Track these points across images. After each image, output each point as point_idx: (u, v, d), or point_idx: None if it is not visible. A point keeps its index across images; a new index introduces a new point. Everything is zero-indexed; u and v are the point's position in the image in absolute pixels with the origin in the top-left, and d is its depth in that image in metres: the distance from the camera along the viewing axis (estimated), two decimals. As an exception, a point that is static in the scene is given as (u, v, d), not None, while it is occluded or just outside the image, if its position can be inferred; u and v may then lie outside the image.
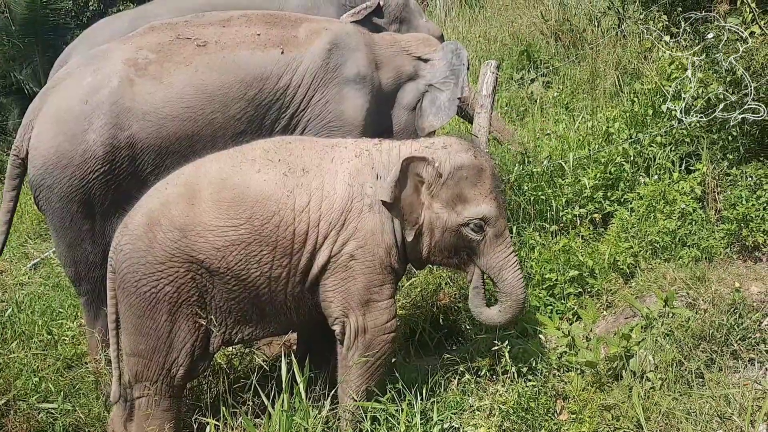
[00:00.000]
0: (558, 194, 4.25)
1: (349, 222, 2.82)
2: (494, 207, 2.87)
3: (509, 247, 2.94)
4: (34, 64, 9.04)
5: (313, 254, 2.82)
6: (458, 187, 2.85)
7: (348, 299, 2.83)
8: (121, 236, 2.85)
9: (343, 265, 2.82)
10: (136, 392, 2.84)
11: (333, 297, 2.85)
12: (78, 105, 3.33)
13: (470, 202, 2.85)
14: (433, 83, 3.98)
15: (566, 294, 3.57)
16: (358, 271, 2.82)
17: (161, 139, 3.34)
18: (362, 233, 2.82)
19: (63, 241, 3.46)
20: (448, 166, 2.85)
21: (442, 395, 3.00)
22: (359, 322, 2.84)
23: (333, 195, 2.83)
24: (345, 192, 2.83)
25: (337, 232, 2.81)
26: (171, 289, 2.75)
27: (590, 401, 2.53)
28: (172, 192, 2.83)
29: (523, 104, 6.60)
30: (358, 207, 2.83)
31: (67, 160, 3.30)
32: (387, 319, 2.87)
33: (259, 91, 3.47)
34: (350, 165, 2.89)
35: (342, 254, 2.81)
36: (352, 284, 2.83)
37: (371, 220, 2.83)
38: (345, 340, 2.88)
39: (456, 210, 2.86)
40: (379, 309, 2.86)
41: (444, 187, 2.86)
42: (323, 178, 2.85)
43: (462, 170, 2.85)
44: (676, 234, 3.67)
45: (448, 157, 2.87)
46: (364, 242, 2.82)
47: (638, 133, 4.50)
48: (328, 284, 2.85)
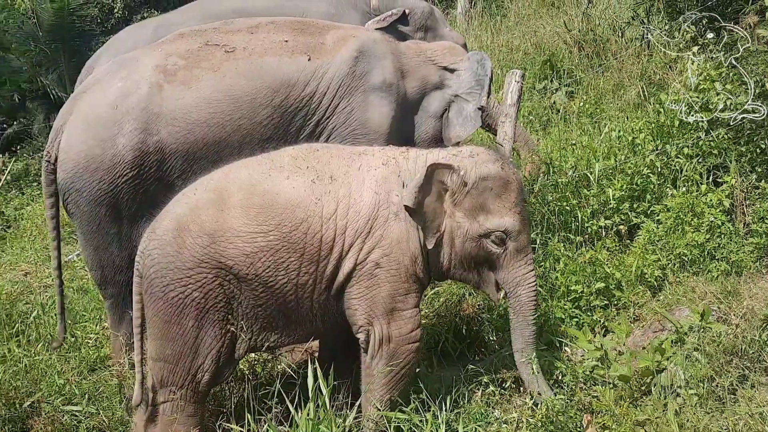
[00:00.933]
0: (583, 205, 4.21)
1: (375, 230, 2.81)
2: (517, 221, 2.86)
3: (529, 265, 2.92)
4: (60, 70, 9.14)
5: (339, 262, 2.82)
6: (482, 197, 2.84)
7: (372, 307, 2.82)
8: (148, 241, 2.86)
9: (369, 273, 2.81)
10: (161, 397, 2.84)
11: (357, 305, 2.84)
12: (108, 110, 3.36)
13: (493, 213, 2.84)
14: (459, 93, 3.97)
15: (592, 306, 3.53)
16: (383, 279, 2.81)
17: (189, 144, 3.36)
18: (388, 241, 2.81)
19: (90, 245, 3.48)
20: (473, 176, 2.84)
21: (466, 406, 2.97)
22: (384, 331, 2.83)
23: (359, 203, 2.83)
24: (371, 200, 2.83)
25: (362, 240, 2.81)
26: (199, 294, 2.75)
27: (623, 416, 2.48)
28: (201, 197, 2.84)
29: (545, 114, 6.57)
30: (384, 215, 2.82)
31: (97, 164, 3.33)
32: (411, 329, 2.86)
33: (285, 97, 3.48)
34: (377, 173, 2.89)
35: (367, 262, 2.81)
36: (377, 292, 2.82)
37: (397, 228, 2.83)
38: (369, 348, 2.86)
39: (478, 220, 2.85)
40: (403, 318, 2.84)
41: (468, 196, 2.85)
42: (350, 186, 2.85)
43: (487, 181, 2.84)
44: (704, 247, 3.62)
45: (474, 166, 2.86)
46: (389, 250, 2.81)
47: (665, 144, 4.46)
48: (353, 292, 2.84)
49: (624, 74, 6.58)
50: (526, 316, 2.91)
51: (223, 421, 2.82)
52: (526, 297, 2.90)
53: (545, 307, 3.58)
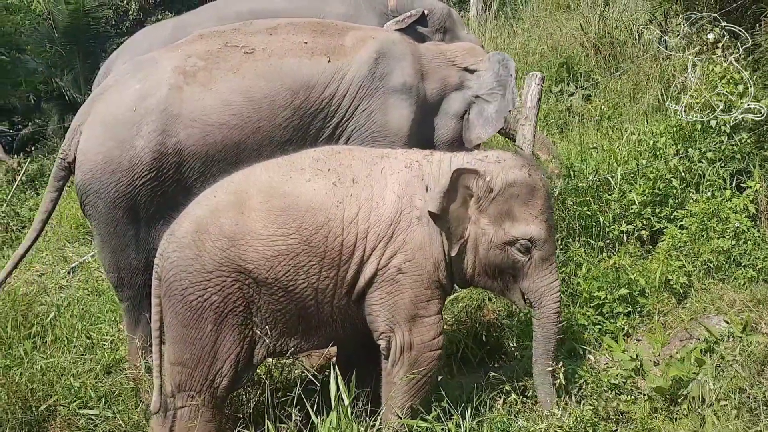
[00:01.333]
0: (604, 210, 4.15)
1: (397, 234, 2.76)
2: (543, 229, 2.79)
3: (554, 274, 2.87)
4: (75, 71, 9.18)
5: (361, 266, 2.77)
6: (508, 204, 2.78)
7: (394, 314, 2.77)
8: (168, 243, 2.82)
9: (390, 278, 2.76)
10: (179, 402, 2.80)
11: (379, 311, 2.79)
12: (127, 111, 3.33)
13: (519, 221, 2.78)
14: (479, 94, 3.91)
15: (615, 313, 3.46)
16: (405, 285, 2.76)
17: (208, 146, 3.33)
18: (410, 246, 2.76)
19: (107, 247, 3.46)
20: (499, 182, 2.78)
21: (488, 415, 2.91)
22: (405, 338, 2.77)
23: (382, 206, 2.77)
24: (394, 204, 2.78)
25: (384, 245, 2.76)
26: (218, 298, 2.71)
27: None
28: (221, 200, 2.80)
29: (561, 117, 6.51)
30: (406, 219, 2.77)
31: (115, 166, 3.30)
32: (433, 336, 2.80)
33: (305, 99, 3.44)
34: (400, 176, 2.83)
35: (389, 267, 2.76)
36: (399, 298, 2.76)
37: (420, 233, 2.77)
38: (390, 356, 2.81)
39: (503, 227, 2.79)
40: (425, 325, 2.78)
41: (493, 202, 2.79)
42: (372, 189, 2.79)
43: (514, 187, 2.78)
44: (730, 254, 3.55)
45: (501, 172, 2.80)
46: (412, 255, 2.76)
47: (687, 149, 4.39)
48: (375, 298, 2.79)
49: (642, 77, 6.51)
50: (549, 327, 2.85)
51: (241, 428, 2.77)
52: (550, 308, 2.84)
53: (567, 314, 3.52)
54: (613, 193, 4.23)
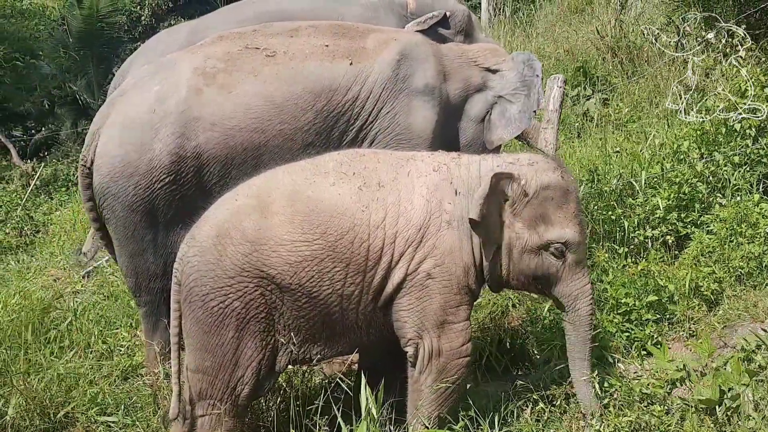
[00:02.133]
0: (629, 214, 4.07)
1: (426, 239, 2.69)
2: (577, 232, 2.75)
3: (587, 276, 2.82)
4: (89, 76, 9.20)
5: (388, 272, 2.70)
6: (542, 207, 2.72)
7: (423, 320, 2.69)
8: (188, 248, 2.76)
9: (420, 284, 2.69)
10: (199, 410, 2.74)
11: (407, 317, 2.72)
12: (146, 114, 3.28)
13: (554, 224, 2.73)
14: (502, 95, 3.83)
15: (644, 320, 3.38)
16: (435, 290, 2.69)
17: (228, 149, 3.27)
18: (440, 251, 2.69)
19: (125, 251, 3.40)
20: (534, 185, 2.72)
21: (515, 425, 2.83)
22: (434, 345, 2.70)
23: (410, 211, 2.71)
24: (423, 208, 2.71)
25: (414, 250, 2.69)
26: (239, 304, 2.65)
27: None
28: (243, 204, 2.74)
29: (578, 121, 6.44)
30: (436, 224, 2.70)
31: (133, 169, 3.25)
32: (462, 342, 2.73)
33: (327, 102, 3.38)
34: (428, 180, 2.77)
35: (419, 272, 2.69)
36: (428, 304, 2.69)
37: (450, 238, 2.71)
38: (418, 363, 2.73)
39: (538, 231, 2.73)
40: (454, 331, 2.72)
41: (528, 206, 2.73)
42: (399, 193, 2.73)
43: (548, 190, 2.73)
44: (761, 260, 3.46)
45: (535, 175, 2.74)
46: (441, 260, 2.69)
47: (711, 153, 4.31)
48: (403, 303, 2.72)
49: (660, 80, 6.44)
50: (585, 330, 2.80)
51: (264, 436, 2.71)
52: (584, 311, 2.79)
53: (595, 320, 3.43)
54: (637, 197, 4.15)
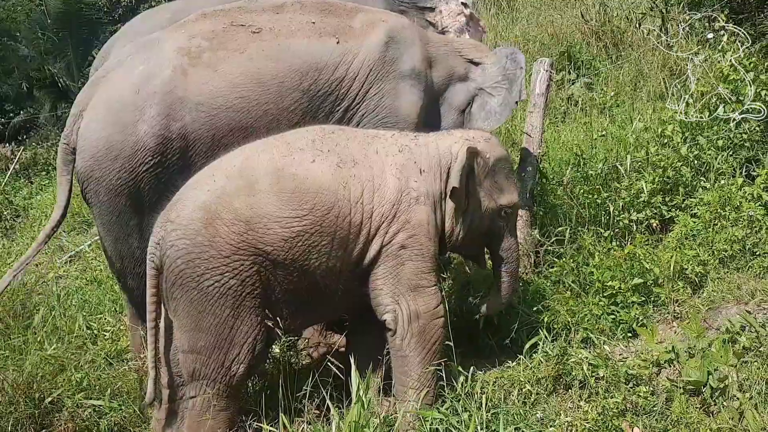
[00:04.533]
0: (614, 198, 4.09)
1: (399, 214, 2.89)
2: (516, 196, 3.18)
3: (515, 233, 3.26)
4: (68, 58, 9.04)
5: (366, 245, 2.87)
6: (497, 177, 3.10)
7: (398, 285, 2.87)
8: (167, 232, 2.74)
9: (394, 254, 2.88)
10: (192, 391, 2.74)
11: (383, 285, 2.89)
12: (129, 94, 3.22)
13: (505, 191, 3.12)
14: (483, 87, 3.84)
15: (629, 303, 3.41)
16: (407, 257, 2.88)
17: (214, 130, 3.23)
18: (412, 224, 2.90)
19: (110, 236, 3.35)
20: (492, 158, 3.08)
21: (503, 407, 2.85)
22: (411, 307, 2.87)
23: (383, 188, 2.89)
24: (395, 186, 2.91)
25: (388, 224, 2.87)
26: (236, 282, 2.69)
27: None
28: (227, 184, 2.76)
29: (563, 105, 6.45)
30: (407, 200, 2.91)
31: (117, 152, 3.19)
32: (437, 303, 2.92)
33: (314, 81, 3.35)
34: (396, 159, 2.97)
35: (393, 244, 2.88)
36: (401, 270, 2.88)
37: (420, 212, 2.92)
38: (398, 329, 2.88)
39: (494, 198, 3.09)
40: (428, 294, 2.90)
41: (487, 177, 3.07)
42: (372, 171, 2.90)
43: (501, 162, 3.11)
44: (744, 242, 3.50)
45: (491, 149, 3.10)
46: (413, 232, 2.89)
47: (696, 136, 4.34)
48: (379, 273, 2.89)
49: (644, 65, 6.47)
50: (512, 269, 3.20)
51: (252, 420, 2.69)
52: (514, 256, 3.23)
53: (580, 303, 3.46)
54: (622, 181, 4.17)
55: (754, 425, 2.25)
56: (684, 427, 2.35)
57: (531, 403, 2.88)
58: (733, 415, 2.35)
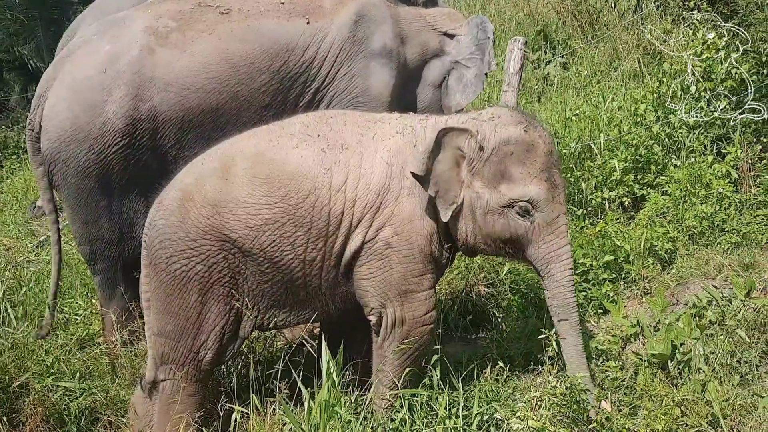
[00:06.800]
0: (587, 177, 4.11)
1: (385, 205, 2.59)
2: (544, 189, 2.54)
3: (562, 238, 2.58)
4: (38, 40, 8.88)
5: (347, 238, 2.62)
6: (503, 164, 2.55)
7: (385, 290, 2.62)
8: (155, 211, 2.71)
9: (379, 253, 2.60)
10: (161, 375, 2.71)
11: (369, 286, 2.65)
12: (96, 74, 3.17)
13: (516, 181, 2.54)
14: (458, 60, 3.82)
15: (600, 280, 3.44)
16: (395, 260, 2.60)
17: (184, 111, 3.19)
18: (399, 218, 2.59)
19: (78, 218, 3.32)
20: (492, 141, 2.55)
21: (476, 384, 2.87)
22: (396, 314, 2.63)
23: (370, 174, 2.61)
24: (383, 171, 2.61)
25: (372, 216, 2.60)
26: (202, 268, 2.60)
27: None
28: (206, 167, 2.69)
29: (539, 85, 6.46)
30: (396, 189, 2.60)
31: (85, 133, 3.15)
32: (426, 311, 2.66)
33: (284, 62, 3.32)
34: (390, 142, 2.65)
35: (377, 241, 2.59)
36: (389, 274, 2.61)
37: (410, 204, 2.60)
38: (381, 331, 2.68)
39: (499, 190, 2.55)
40: (417, 300, 2.64)
41: (487, 163, 2.56)
42: (362, 156, 2.63)
43: (509, 145, 2.54)
44: (713, 219, 3.54)
45: (494, 130, 2.57)
46: (401, 229, 2.59)
47: (667, 115, 4.37)
48: (364, 272, 2.64)
49: (619, 44, 6.48)
50: (565, 298, 2.57)
51: (224, 401, 2.68)
52: (561, 276, 2.57)
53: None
54: (595, 160, 4.20)
55: (716, 396, 2.29)
56: (648, 400, 2.39)
57: (503, 380, 2.90)
58: (697, 387, 2.39)
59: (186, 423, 2.60)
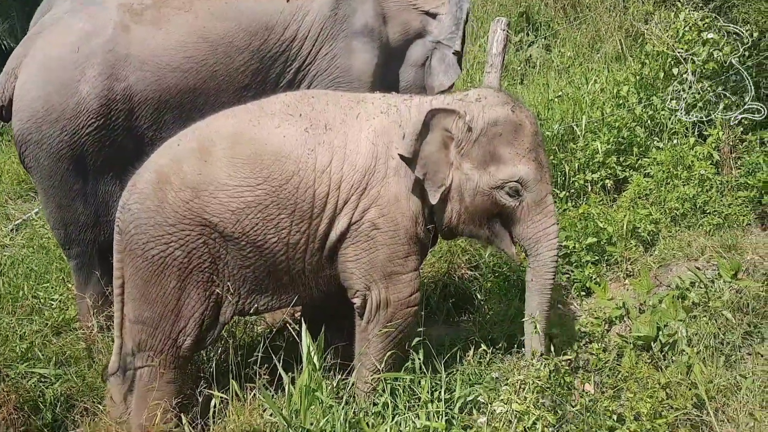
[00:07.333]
0: (570, 159, 4.10)
1: (371, 186, 2.56)
2: (533, 168, 2.54)
3: (551, 218, 2.60)
4: (11, 20, 8.62)
5: (333, 220, 2.58)
6: (491, 145, 2.54)
7: (370, 272, 2.59)
8: (129, 194, 2.62)
9: (365, 234, 2.57)
10: (139, 362, 2.64)
11: (354, 268, 2.62)
12: (69, 53, 3.06)
13: (505, 162, 2.54)
14: (440, 40, 3.75)
15: (583, 262, 3.43)
16: (381, 241, 2.56)
17: (160, 91, 3.10)
18: (385, 199, 2.56)
19: (52, 201, 3.22)
20: (481, 121, 2.54)
21: (458, 367, 2.85)
22: (381, 296, 2.61)
23: (355, 155, 2.56)
24: (368, 152, 2.57)
25: (358, 197, 2.56)
26: (181, 253, 2.53)
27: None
28: (183, 148, 2.60)
29: (521, 67, 6.42)
30: (382, 169, 2.57)
31: (58, 114, 3.05)
32: (410, 293, 2.64)
33: (264, 41, 3.23)
34: (375, 122, 2.61)
35: (363, 222, 2.56)
36: (375, 255, 2.58)
37: (396, 185, 2.57)
38: (365, 313, 2.66)
39: (489, 171, 2.55)
40: (402, 282, 2.62)
41: (476, 144, 2.55)
42: (346, 136, 2.58)
43: (497, 126, 2.54)
44: (695, 201, 3.54)
45: (482, 111, 2.56)
46: (387, 210, 2.56)
47: (651, 97, 4.36)
48: (349, 254, 2.61)
49: (601, 26, 6.46)
50: (545, 278, 2.60)
51: (203, 387, 2.64)
52: (547, 255, 2.59)
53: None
54: (578, 142, 4.18)
55: (701, 378, 2.28)
56: (634, 382, 2.38)
57: (486, 363, 2.88)
58: (682, 369, 2.38)
59: (164, 410, 2.55)
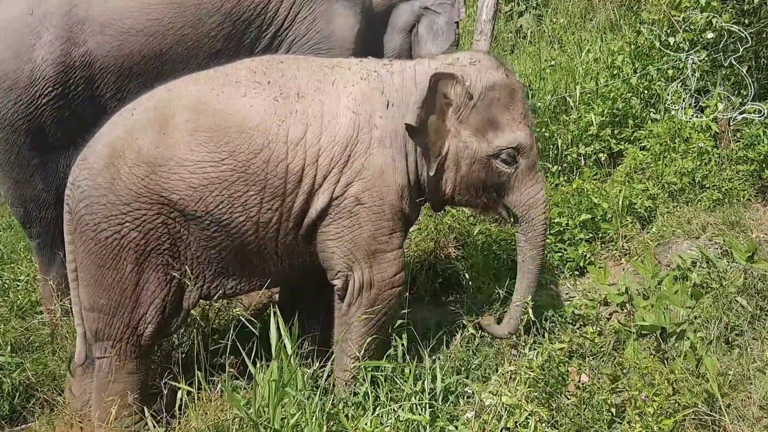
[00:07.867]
0: (562, 131, 3.91)
1: (354, 158, 2.38)
2: (528, 134, 2.46)
3: (540, 182, 2.53)
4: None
5: (311, 196, 2.39)
6: (489, 110, 2.42)
7: (353, 250, 2.42)
8: (78, 170, 2.40)
9: (348, 210, 2.39)
10: (97, 352, 2.45)
11: (335, 247, 2.44)
12: (21, 16, 2.85)
13: (503, 128, 2.44)
14: (428, 5, 3.56)
15: (577, 240, 3.26)
16: (365, 218, 2.40)
17: (123, 57, 2.88)
18: (370, 172, 2.38)
19: (9, 177, 3.02)
20: (479, 86, 2.42)
21: (444, 352, 2.69)
22: (364, 276, 2.44)
23: (335, 125, 2.38)
24: (350, 122, 2.39)
25: (339, 170, 2.38)
26: (137, 234, 2.32)
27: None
28: (140, 118, 2.37)
29: (512, 38, 6.23)
30: (365, 140, 2.39)
31: (11, 82, 2.83)
32: (395, 272, 2.48)
33: (237, 3, 3.01)
34: (355, 89, 2.43)
35: (346, 197, 2.39)
36: (358, 233, 2.41)
37: (380, 157, 2.40)
38: (347, 295, 2.48)
39: (487, 138, 2.44)
40: (386, 261, 2.45)
41: (474, 110, 2.43)
42: (323, 105, 2.40)
43: (494, 91, 2.42)
44: (694, 175, 3.37)
45: (479, 75, 2.43)
46: (372, 183, 2.39)
47: (646, 66, 4.17)
48: (330, 232, 2.43)
49: (594, -5, 6.25)
50: (538, 240, 2.53)
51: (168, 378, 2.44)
52: (538, 220, 2.51)
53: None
54: (571, 113, 3.99)
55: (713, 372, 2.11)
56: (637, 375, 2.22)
57: (474, 347, 2.72)
58: (691, 361, 2.21)
59: (123, 404, 2.36)
